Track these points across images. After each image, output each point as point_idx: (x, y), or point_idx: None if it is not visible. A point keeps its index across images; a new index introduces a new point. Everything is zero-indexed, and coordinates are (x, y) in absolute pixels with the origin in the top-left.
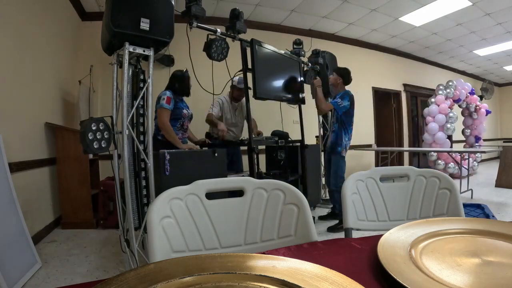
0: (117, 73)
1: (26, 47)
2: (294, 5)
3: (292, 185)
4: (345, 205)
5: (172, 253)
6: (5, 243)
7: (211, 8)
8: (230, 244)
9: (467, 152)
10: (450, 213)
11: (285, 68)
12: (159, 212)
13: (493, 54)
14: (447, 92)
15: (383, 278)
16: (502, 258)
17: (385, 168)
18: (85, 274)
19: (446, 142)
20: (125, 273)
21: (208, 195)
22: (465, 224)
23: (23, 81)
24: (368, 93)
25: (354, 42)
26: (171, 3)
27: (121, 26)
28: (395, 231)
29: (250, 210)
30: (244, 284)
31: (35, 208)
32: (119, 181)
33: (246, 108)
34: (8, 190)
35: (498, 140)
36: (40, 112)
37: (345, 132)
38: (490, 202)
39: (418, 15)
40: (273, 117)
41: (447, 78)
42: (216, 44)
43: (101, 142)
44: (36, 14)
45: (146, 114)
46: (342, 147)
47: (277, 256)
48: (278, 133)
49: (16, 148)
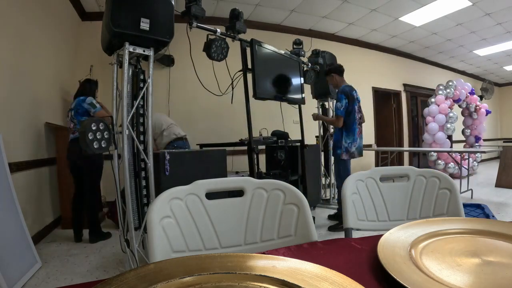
0: (117, 73)
1: (26, 47)
2: (294, 5)
3: (292, 185)
4: (345, 205)
5: (172, 253)
6: (5, 243)
7: (211, 8)
8: (230, 244)
9: (467, 152)
10: (450, 213)
11: (285, 68)
12: (159, 212)
13: (493, 54)
14: (447, 92)
15: (383, 278)
16: (502, 258)
17: (385, 168)
18: (85, 274)
19: (446, 142)
20: (125, 273)
21: (208, 195)
22: (465, 224)
23: (23, 81)
24: (368, 93)
25: (354, 42)
26: (171, 3)
27: (121, 26)
28: (395, 231)
29: (250, 210)
30: (244, 284)
31: (35, 208)
32: (119, 181)
33: (246, 108)
34: (8, 190)
35: (498, 140)
36: (40, 112)
37: (346, 134)
38: (490, 202)
39: (418, 15)
40: (273, 117)
41: (447, 78)
42: (216, 44)
43: (101, 142)
44: (36, 14)
45: (146, 114)
46: (342, 150)
47: (277, 256)
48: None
49: (16, 148)
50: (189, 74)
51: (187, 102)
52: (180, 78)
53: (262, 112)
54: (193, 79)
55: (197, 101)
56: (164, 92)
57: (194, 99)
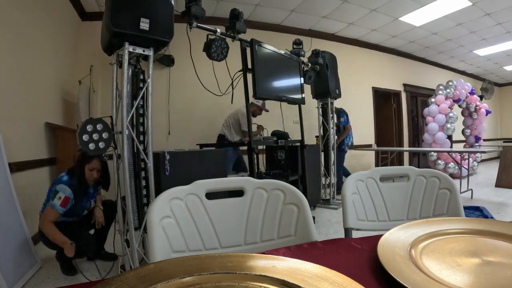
0: (117, 73)
1: (26, 47)
2: (294, 5)
3: (292, 185)
4: (345, 205)
5: (172, 253)
6: (5, 243)
7: (211, 8)
8: (230, 244)
9: (467, 152)
10: (450, 213)
11: (285, 68)
12: (159, 212)
13: (493, 54)
14: (447, 92)
15: (383, 278)
16: (502, 258)
17: (385, 168)
18: (85, 274)
19: (446, 142)
20: (125, 273)
21: (208, 195)
22: (465, 224)
23: (23, 81)
24: (368, 93)
25: (354, 42)
26: (171, 3)
27: (121, 26)
28: (395, 231)
29: (250, 210)
30: (244, 284)
31: (35, 208)
32: (119, 181)
33: (246, 108)
34: (8, 190)
35: (498, 140)
36: (40, 112)
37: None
38: (490, 202)
39: (418, 15)
40: (273, 117)
41: (447, 78)
42: (216, 44)
43: (99, 143)
44: (36, 14)
45: (146, 114)
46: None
47: (277, 256)
48: (278, 133)
49: (16, 148)
50: (189, 74)
51: (187, 102)
52: (180, 78)
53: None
54: (193, 79)
55: (197, 101)
56: (164, 92)
57: (194, 99)
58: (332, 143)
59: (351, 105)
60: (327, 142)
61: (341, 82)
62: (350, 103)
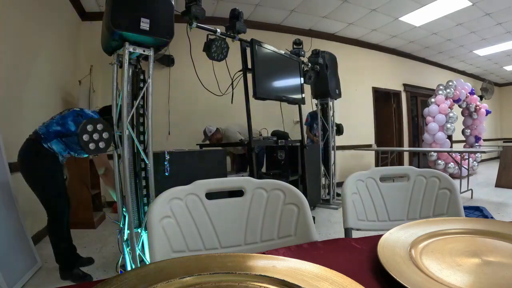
0: (117, 73)
1: (26, 47)
2: (294, 5)
3: (292, 185)
4: (345, 205)
5: (172, 253)
6: (5, 243)
7: (211, 8)
8: (230, 244)
9: (467, 152)
10: (450, 213)
11: (285, 68)
12: (159, 212)
13: (493, 54)
14: (447, 92)
15: (383, 278)
16: (502, 258)
17: (385, 168)
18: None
19: (446, 142)
20: (125, 273)
21: (208, 195)
22: (465, 224)
23: (23, 81)
24: (368, 93)
25: (354, 42)
26: (171, 3)
27: (121, 26)
28: (395, 231)
29: (250, 210)
30: (244, 284)
31: (35, 208)
32: (119, 181)
33: (246, 108)
34: (8, 190)
35: (498, 140)
36: (40, 112)
37: None
38: (490, 202)
39: (418, 15)
40: (273, 117)
41: (447, 78)
42: (216, 44)
43: (99, 143)
44: (36, 14)
45: (146, 114)
46: None
47: (277, 256)
48: (278, 133)
49: (16, 148)
50: (189, 74)
51: (187, 102)
52: (180, 78)
53: (262, 112)
54: (193, 79)
55: (197, 101)
56: (164, 92)
57: (194, 99)
58: (332, 143)
59: (351, 105)
60: (327, 142)
61: (341, 82)
62: (350, 103)
